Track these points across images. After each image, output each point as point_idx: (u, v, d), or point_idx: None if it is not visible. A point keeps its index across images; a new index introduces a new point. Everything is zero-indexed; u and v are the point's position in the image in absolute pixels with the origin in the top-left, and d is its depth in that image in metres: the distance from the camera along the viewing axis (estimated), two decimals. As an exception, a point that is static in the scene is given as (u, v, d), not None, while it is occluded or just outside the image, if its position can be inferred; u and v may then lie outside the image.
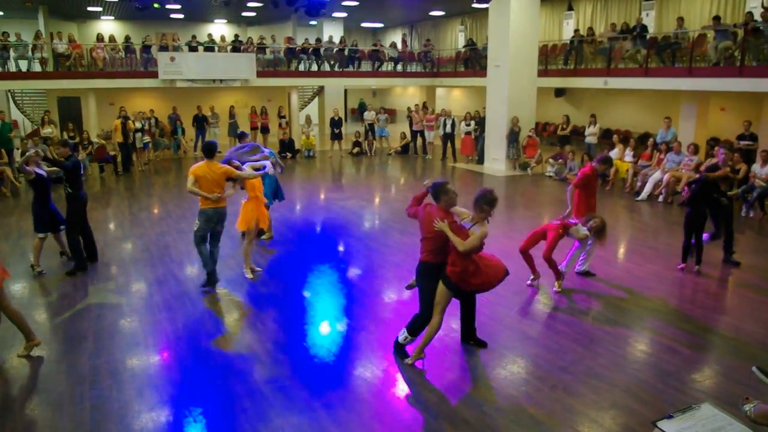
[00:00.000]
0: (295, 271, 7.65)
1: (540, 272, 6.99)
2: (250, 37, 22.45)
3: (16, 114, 19.99)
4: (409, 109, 20.27)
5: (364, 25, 28.37)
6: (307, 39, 21.97)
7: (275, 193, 8.83)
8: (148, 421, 4.30)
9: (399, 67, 22.38)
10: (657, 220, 10.78)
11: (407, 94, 27.80)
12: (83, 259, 7.63)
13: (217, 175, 6.64)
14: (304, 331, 5.93)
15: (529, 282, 7.03)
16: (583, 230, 6.81)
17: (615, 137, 14.41)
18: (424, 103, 20.59)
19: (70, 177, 7.43)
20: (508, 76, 15.28)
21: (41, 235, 7.46)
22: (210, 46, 20.18)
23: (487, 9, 15.88)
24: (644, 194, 12.10)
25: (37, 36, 18.35)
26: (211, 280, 6.96)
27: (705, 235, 7.72)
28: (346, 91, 25.85)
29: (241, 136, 9.94)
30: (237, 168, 6.90)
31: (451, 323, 5.85)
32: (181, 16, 23.25)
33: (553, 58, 17.89)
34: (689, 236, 7.55)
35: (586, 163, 10.66)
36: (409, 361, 5.09)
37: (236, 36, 22.12)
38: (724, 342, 5.64)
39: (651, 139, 13.23)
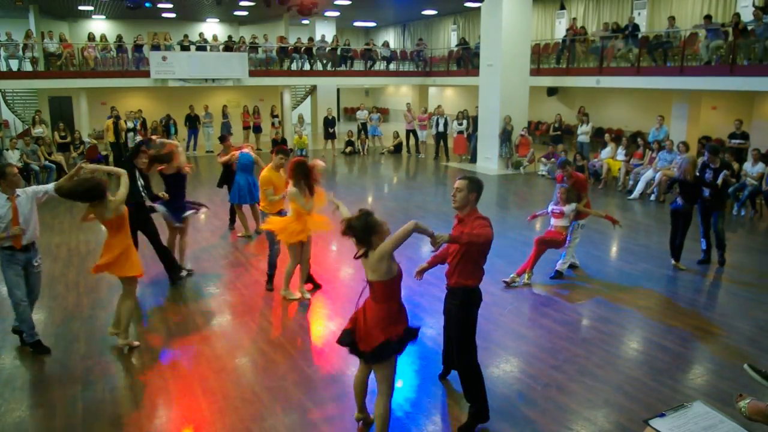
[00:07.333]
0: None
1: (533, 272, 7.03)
2: (242, 37, 22.39)
3: (6, 114, 19.85)
4: (408, 104, 20.18)
5: (357, 24, 28.34)
6: (299, 38, 21.91)
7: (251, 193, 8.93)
8: (141, 423, 4.28)
9: (392, 66, 22.37)
10: (649, 218, 10.83)
11: (400, 93, 27.79)
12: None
13: None
14: (296, 330, 5.92)
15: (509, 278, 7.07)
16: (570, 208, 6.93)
17: (607, 136, 14.45)
18: (408, 105, 20.33)
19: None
20: (501, 75, 15.31)
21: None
22: (202, 46, 20.11)
23: (479, 8, 15.90)
24: (636, 193, 12.15)
25: (28, 35, 18.21)
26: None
27: None
28: (338, 90, 25.81)
29: (222, 139, 9.98)
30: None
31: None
32: (172, 15, 23.12)
33: (546, 57, 17.93)
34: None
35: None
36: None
37: (230, 37, 22.03)
38: (716, 340, 5.67)
39: (647, 139, 13.24)
